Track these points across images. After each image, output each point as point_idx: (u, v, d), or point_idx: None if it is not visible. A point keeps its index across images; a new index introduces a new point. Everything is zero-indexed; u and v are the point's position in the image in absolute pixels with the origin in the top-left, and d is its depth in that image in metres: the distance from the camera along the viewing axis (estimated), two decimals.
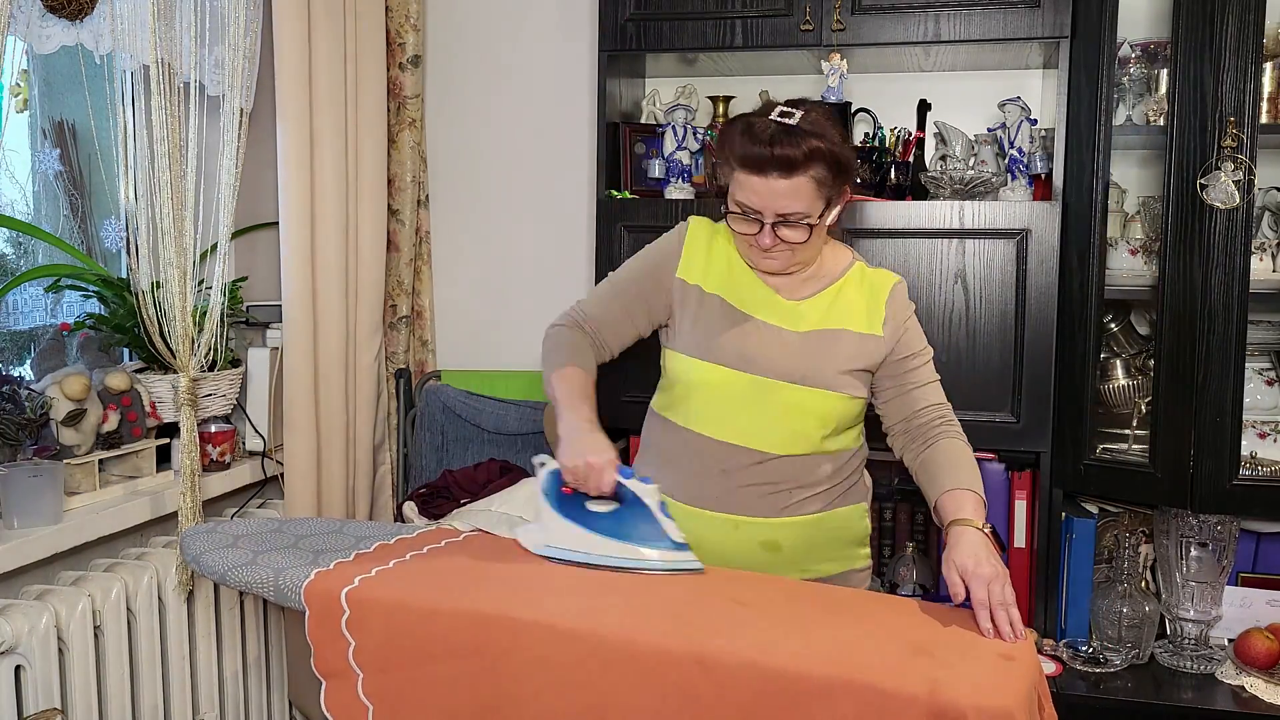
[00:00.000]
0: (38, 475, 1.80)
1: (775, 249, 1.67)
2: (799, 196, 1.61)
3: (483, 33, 2.80)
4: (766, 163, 1.59)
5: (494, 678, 1.41)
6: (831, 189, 1.64)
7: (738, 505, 1.71)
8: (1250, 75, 1.95)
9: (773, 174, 1.60)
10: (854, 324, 1.73)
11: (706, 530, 1.71)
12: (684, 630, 1.37)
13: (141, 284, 1.98)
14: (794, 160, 1.58)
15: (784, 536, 1.72)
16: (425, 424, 2.70)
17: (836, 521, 1.77)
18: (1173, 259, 2.04)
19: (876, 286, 1.76)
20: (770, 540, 1.72)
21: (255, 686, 2.28)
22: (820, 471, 1.73)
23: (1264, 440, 2.20)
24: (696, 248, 1.79)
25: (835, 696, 1.25)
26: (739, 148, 1.62)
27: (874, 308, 1.74)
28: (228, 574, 1.59)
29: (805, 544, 1.74)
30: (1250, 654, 2.09)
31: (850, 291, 1.76)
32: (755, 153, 1.59)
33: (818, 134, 1.60)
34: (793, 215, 1.63)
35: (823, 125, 1.62)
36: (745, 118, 1.67)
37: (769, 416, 1.70)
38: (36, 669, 1.70)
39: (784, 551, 1.72)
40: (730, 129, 1.66)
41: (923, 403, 1.74)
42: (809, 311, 1.73)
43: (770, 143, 1.58)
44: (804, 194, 1.61)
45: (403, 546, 1.66)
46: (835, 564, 1.78)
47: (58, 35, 1.81)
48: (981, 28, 2.18)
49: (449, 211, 2.86)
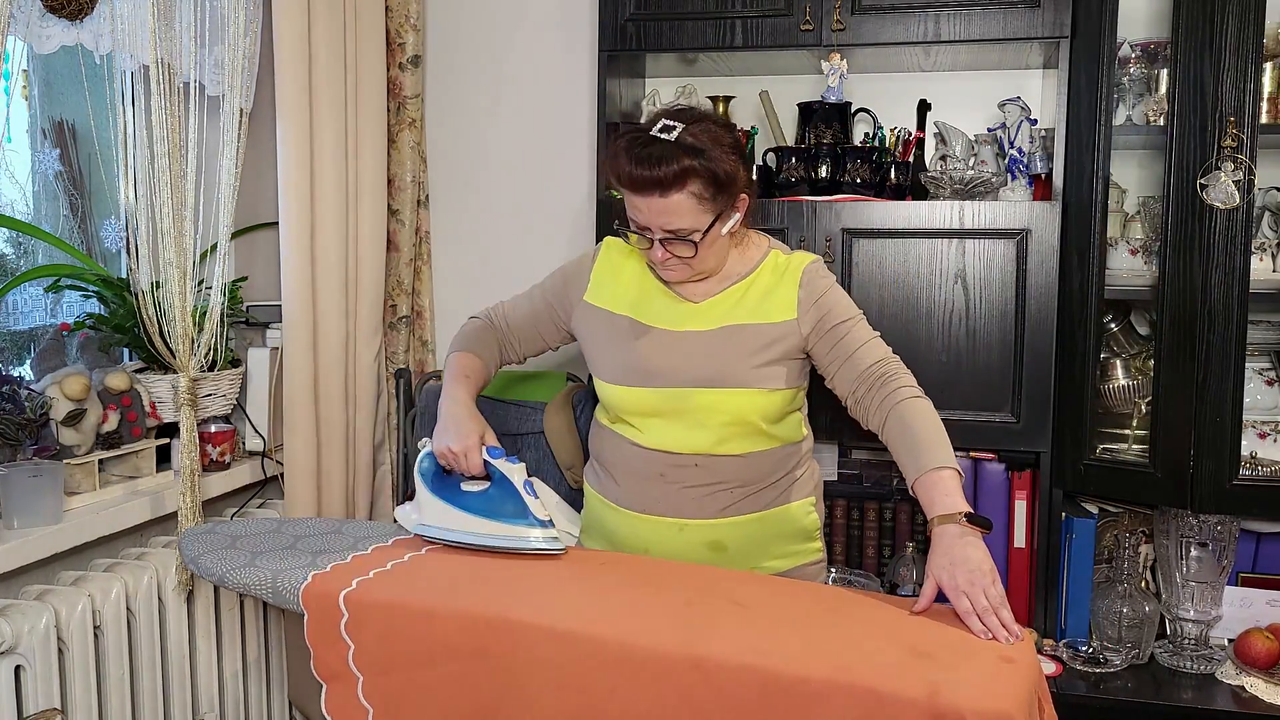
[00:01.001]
0: (38, 475, 1.81)
1: (669, 262, 1.67)
2: (680, 213, 1.60)
3: (483, 33, 2.80)
4: (640, 182, 1.58)
5: (493, 679, 1.41)
6: (716, 203, 1.62)
7: (680, 508, 1.73)
8: (1250, 75, 1.95)
9: (650, 193, 1.58)
10: (763, 315, 1.72)
11: (653, 534, 1.75)
12: (682, 632, 1.37)
13: (141, 284, 1.98)
14: (665, 180, 1.56)
15: (728, 536, 1.74)
16: (425, 424, 2.70)
17: (781, 518, 1.78)
18: (1173, 259, 2.04)
19: (789, 270, 1.75)
20: (715, 540, 1.74)
21: (255, 686, 2.28)
22: (759, 468, 1.74)
23: (1264, 440, 2.20)
24: (605, 270, 1.82)
25: (834, 699, 1.25)
26: (618, 165, 1.61)
27: (786, 292, 1.73)
28: (226, 576, 1.59)
29: (750, 542, 1.75)
30: (1250, 654, 2.09)
31: (764, 281, 1.74)
32: (628, 172, 1.59)
33: (695, 150, 1.57)
34: (679, 230, 1.61)
35: (706, 139, 1.58)
36: (628, 133, 1.64)
37: (692, 422, 1.71)
38: (36, 669, 1.70)
39: (729, 551, 1.74)
40: (614, 144, 1.65)
41: (867, 361, 1.69)
42: (712, 310, 1.73)
43: (642, 162, 1.57)
44: (685, 210, 1.60)
45: (400, 548, 1.67)
46: (784, 560, 1.79)
47: (58, 35, 1.81)
48: (981, 28, 2.18)
49: (449, 211, 2.86)
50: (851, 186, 2.25)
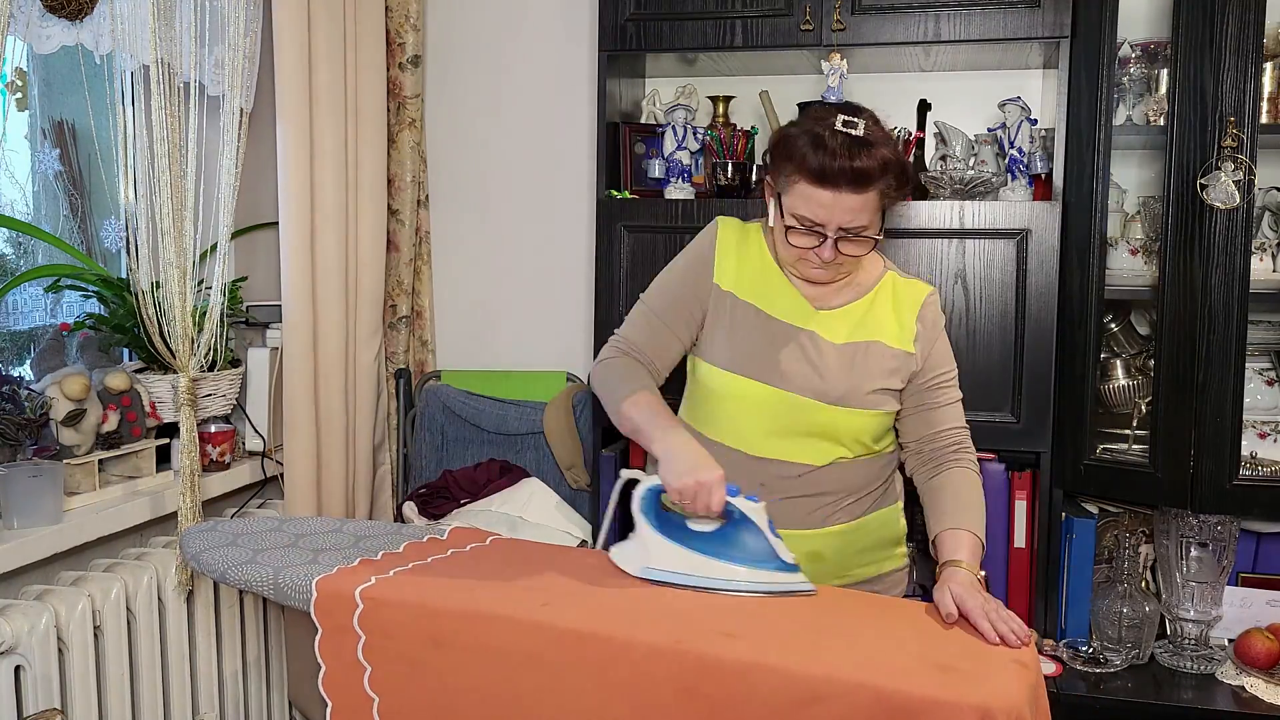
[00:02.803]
0: (38, 475, 1.80)
1: (836, 261, 1.61)
2: (866, 210, 1.56)
3: (483, 33, 2.80)
4: (839, 176, 1.53)
5: (498, 676, 1.42)
6: (894, 199, 1.59)
7: (779, 519, 1.65)
8: (1250, 75, 1.95)
9: (845, 188, 1.54)
10: (886, 337, 1.68)
11: None
12: (688, 631, 1.37)
13: (141, 284, 1.98)
14: (869, 173, 1.53)
15: (827, 546, 1.70)
16: (425, 424, 2.70)
17: (876, 525, 1.75)
18: (1173, 259, 2.04)
19: (909, 298, 1.71)
20: (814, 551, 1.69)
21: (255, 686, 2.28)
22: (857, 479, 1.71)
23: (1264, 440, 2.20)
24: (728, 251, 1.74)
25: (849, 699, 1.25)
26: (809, 160, 1.54)
27: (905, 321, 1.69)
28: (227, 572, 1.59)
29: (848, 550, 1.72)
30: (1250, 654, 2.09)
31: (883, 303, 1.71)
32: (828, 165, 1.53)
33: (884, 143, 1.55)
34: (855, 228, 1.58)
35: (885, 134, 1.56)
36: (807, 128, 1.59)
37: (804, 433, 1.66)
38: (36, 669, 1.70)
39: (828, 560, 1.70)
40: (792, 139, 1.58)
41: (941, 425, 1.70)
42: (841, 322, 1.69)
43: (841, 154, 1.52)
44: (871, 207, 1.57)
45: (411, 552, 1.66)
46: (875, 566, 1.77)
47: (58, 35, 1.81)
48: (981, 28, 2.18)
49: (449, 211, 2.86)
50: None
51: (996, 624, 1.40)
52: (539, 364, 2.80)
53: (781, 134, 1.64)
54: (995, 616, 1.41)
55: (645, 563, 1.54)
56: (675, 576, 1.51)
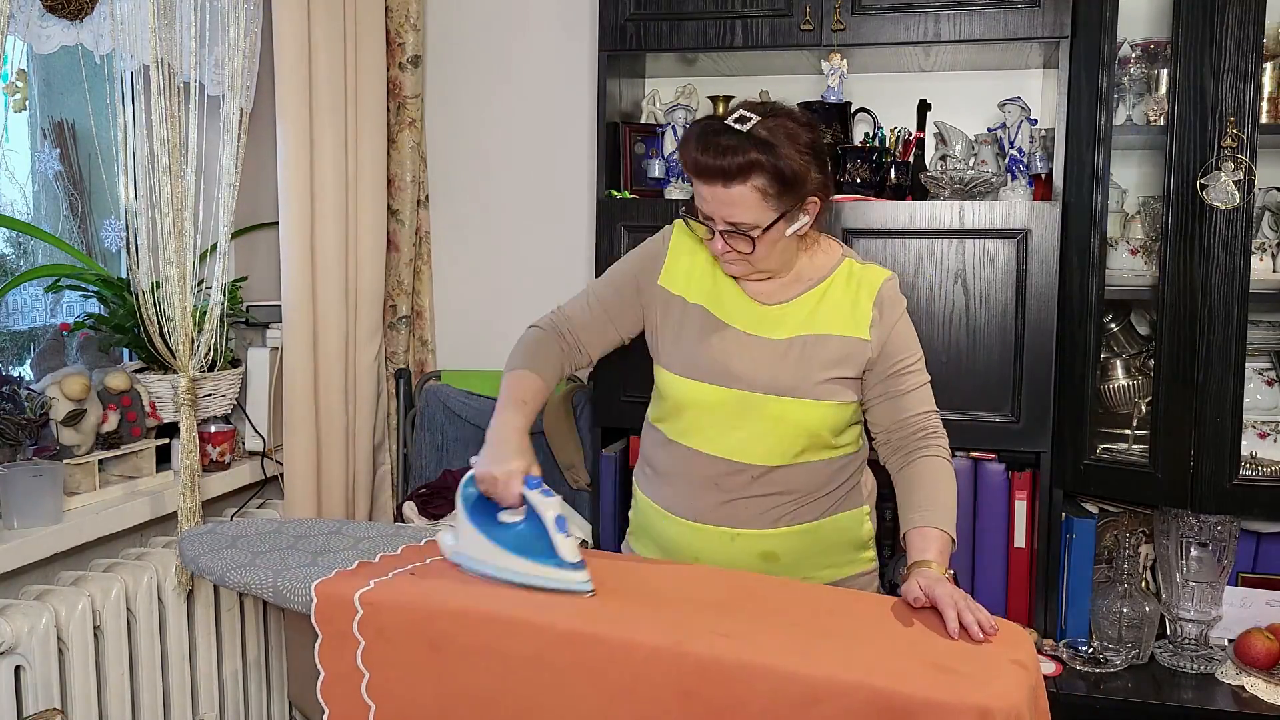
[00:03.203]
0: (38, 475, 1.81)
1: (728, 255, 1.64)
2: (742, 206, 1.57)
3: (483, 33, 2.80)
4: (705, 170, 1.56)
5: (496, 678, 1.42)
6: (781, 202, 1.58)
7: (732, 518, 1.69)
8: (1250, 75, 1.95)
9: (714, 182, 1.56)
10: (838, 327, 1.67)
11: (704, 543, 1.71)
12: (687, 632, 1.37)
13: (141, 284, 1.98)
14: (728, 170, 1.54)
15: (781, 546, 1.70)
16: (425, 424, 2.70)
17: (835, 527, 1.75)
18: (1173, 259, 2.04)
19: (865, 285, 1.70)
20: (768, 551, 1.70)
21: (255, 686, 2.28)
22: (815, 479, 1.70)
23: (1264, 440, 2.20)
24: (679, 254, 1.75)
25: (842, 698, 1.25)
26: (687, 151, 1.59)
27: (860, 308, 1.68)
28: (226, 575, 1.59)
29: (803, 552, 1.72)
30: (1250, 654, 2.09)
31: (837, 291, 1.70)
32: (695, 158, 1.57)
33: (766, 144, 1.54)
34: (739, 224, 1.59)
35: (779, 135, 1.55)
36: (705, 119, 1.63)
37: (757, 430, 1.67)
38: (36, 669, 1.70)
39: (782, 560, 1.71)
40: (690, 129, 1.63)
41: (908, 411, 1.68)
42: (789, 317, 1.69)
43: (710, 150, 1.55)
44: (748, 204, 1.57)
45: (410, 555, 1.66)
46: (837, 569, 1.76)
47: (58, 35, 1.82)
48: (981, 28, 2.18)
49: (449, 211, 2.86)
50: (851, 186, 2.25)
51: (963, 613, 1.39)
52: None
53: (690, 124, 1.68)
54: (962, 605, 1.40)
55: (455, 548, 1.60)
56: (475, 564, 1.56)
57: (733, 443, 1.68)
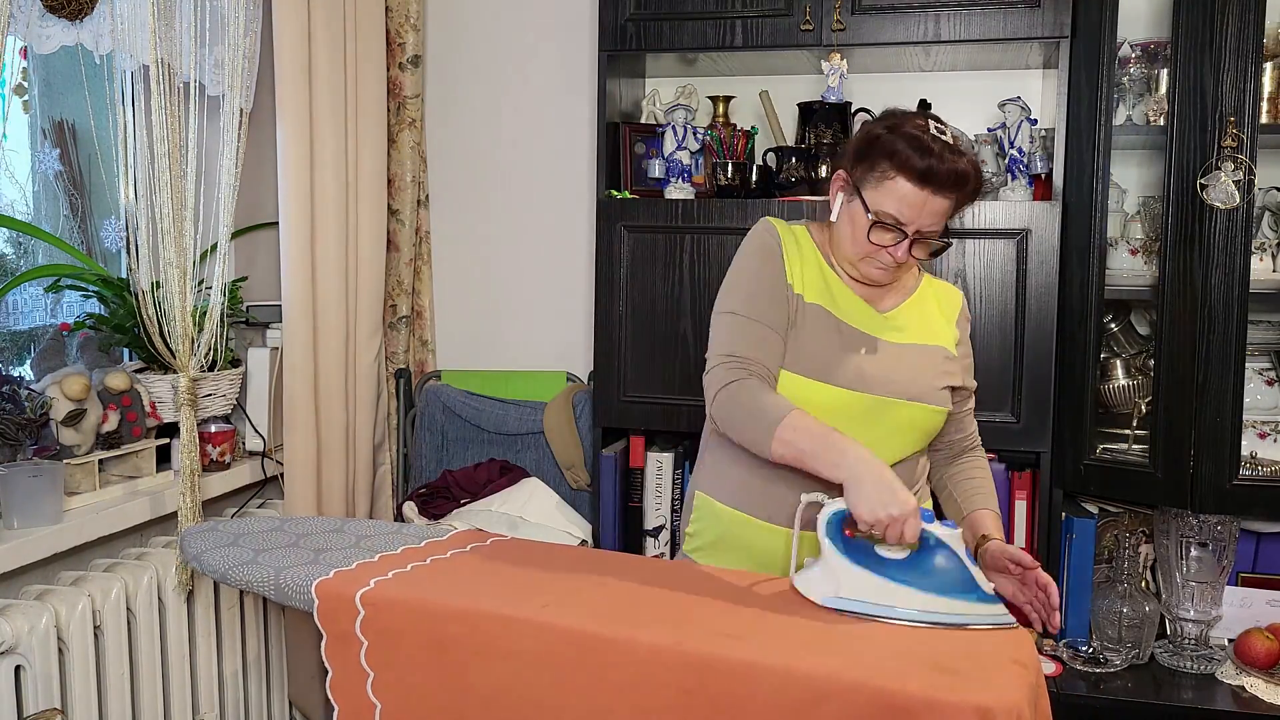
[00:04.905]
0: (38, 475, 1.80)
1: (885, 261, 1.62)
2: (942, 214, 1.59)
3: (483, 33, 2.80)
4: (937, 177, 1.54)
5: (499, 677, 1.42)
6: (965, 206, 1.64)
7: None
8: (1250, 75, 1.95)
9: (939, 189, 1.55)
10: (939, 338, 1.72)
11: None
12: (689, 631, 1.37)
13: (141, 284, 1.98)
14: (966, 177, 1.56)
15: None
16: (425, 424, 2.71)
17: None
18: (1173, 259, 2.05)
19: (946, 301, 1.76)
20: None
21: (255, 686, 2.28)
22: (915, 473, 1.73)
23: (1264, 440, 2.20)
24: (792, 253, 1.70)
25: (844, 697, 1.25)
26: (913, 160, 1.55)
27: (948, 323, 1.75)
28: (228, 573, 1.59)
29: None
30: (1250, 654, 2.09)
31: (930, 304, 1.75)
32: (934, 166, 1.54)
33: (969, 158, 1.59)
34: (932, 231, 1.60)
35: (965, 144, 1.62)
36: (910, 123, 1.59)
37: (883, 433, 1.64)
38: (36, 669, 1.70)
39: None
40: (886, 139, 1.58)
41: (965, 430, 1.80)
42: (901, 323, 1.71)
43: (943, 156, 1.54)
44: (944, 213, 1.60)
45: (411, 554, 1.66)
46: None
47: (58, 35, 1.81)
48: (981, 28, 2.18)
49: (449, 211, 2.86)
50: None
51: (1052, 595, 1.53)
52: (539, 364, 2.80)
53: (871, 133, 1.62)
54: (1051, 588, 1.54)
55: (835, 591, 1.45)
56: (866, 606, 1.42)
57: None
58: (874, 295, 1.72)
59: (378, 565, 1.59)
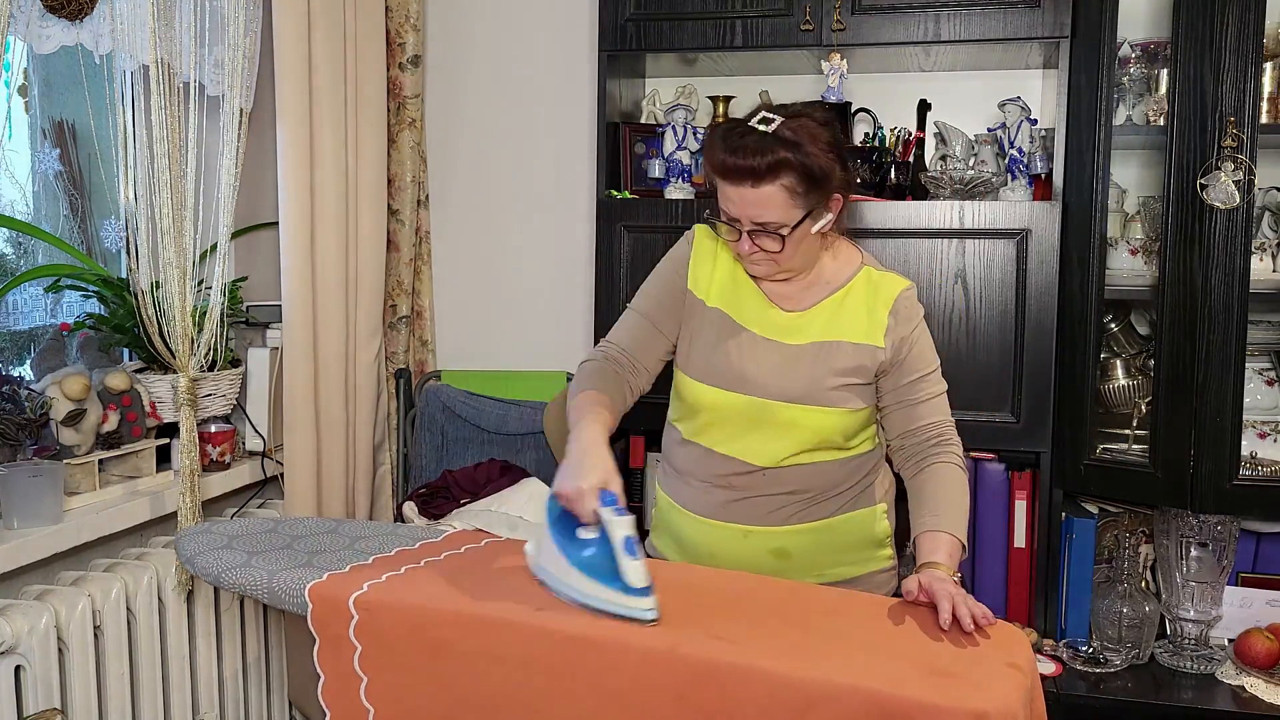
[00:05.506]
0: (38, 475, 1.81)
1: (754, 255, 1.64)
2: (770, 205, 1.58)
3: (483, 33, 2.80)
4: (732, 171, 1.57)
5: (492, 681, 1.41)
6: (807, 199, 1.59)
7: (745, 515, 1.70)
8: (1250, 75, 1.95)
9: (742, 182, 1.57)
10: (853, 334, 1.68)
11: (718, 539, 1.72)
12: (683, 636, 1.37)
13: (141, 284, 1.98)
14: (758, 170, 1.55)
15: (792, 543, 1.71)
16: (425, 424, 2.71)
17: (848, 525, 1.75)
18: (1173, 259, 2.04)
19: (882, 293, 1.70)
20: (779, 548, 1.71)
21: (255, 686, 2.28)
22: (827, 478, 1.71)
23: (1264, 440, 2.20)
24: (702, 258, 1.76)
25: (838, 702, 1.25)
26: (713, 153, 1.60)
27: (876, 316, 1.69)
28: (222, 576, 1.58)
29: (816, 549, 1.73)
30: (1250, 654, 2.09)
31: (856, 298, 1.71)
32: (722, 160, 1.57)
33: (792, 144, 1.55)
34: (768, 224, 1.59)
35: (803, 134, 1.56)
36: (727, 122, 1.65)
37: (770, 433, 1.68)
38: (36, 669, 1.70)
39: (794, 557, 1.71)
40: (712, 131, 1.64)
41: (921, 420, 1.69)
42: (808, 324, 1.70)
43: (737, 151, 1.56)
44: (775, 203, 1.57)
45: (405, 556, 1.66)
46: (853, 567, 1.77)
47: (57, 35, 1.81)
48: (981, 28, 2.18)
49: (449, 211, 2.86)
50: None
51: (957, 605, 1.39)
52: (539, 364, 2.80)
53: (710, 127, 1.68)
54: (958, 599, 1.40)
55: (538, 561, 1.55)
56: (554, 580, 1.50)
57: (745, 445, 1.69)
58: (786, 295, 1.72)
59: (371, 568, 1.59)
